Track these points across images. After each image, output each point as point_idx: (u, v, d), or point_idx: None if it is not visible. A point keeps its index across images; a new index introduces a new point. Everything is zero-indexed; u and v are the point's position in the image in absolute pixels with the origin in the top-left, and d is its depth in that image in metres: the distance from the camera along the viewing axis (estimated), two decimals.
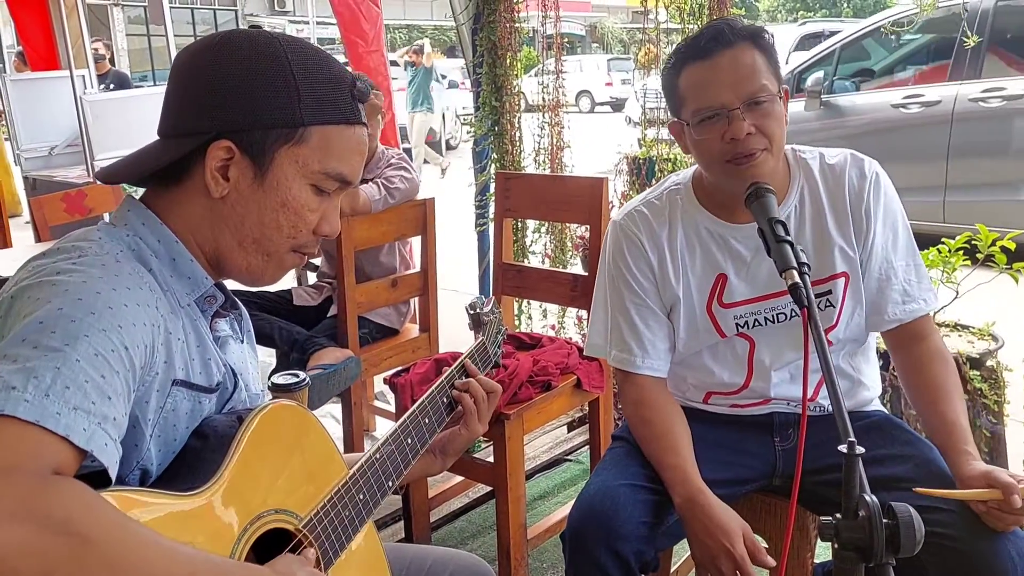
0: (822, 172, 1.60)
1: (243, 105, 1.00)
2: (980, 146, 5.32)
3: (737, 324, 1.61)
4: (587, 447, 3.01)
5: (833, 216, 1.58)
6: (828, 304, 1.59)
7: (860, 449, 0.95)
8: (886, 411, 1.73)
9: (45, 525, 0.71)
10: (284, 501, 1.03)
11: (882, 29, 5.45)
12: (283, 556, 0.97)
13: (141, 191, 1.11)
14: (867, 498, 0.94)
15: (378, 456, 1.21)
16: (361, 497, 1.15)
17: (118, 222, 1.05)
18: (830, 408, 1.61)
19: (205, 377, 1.05)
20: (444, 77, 12.29)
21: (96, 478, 0.81)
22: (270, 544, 1.00)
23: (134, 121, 5.35)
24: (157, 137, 1.08)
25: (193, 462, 0.99)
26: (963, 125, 5.34)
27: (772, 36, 1.52)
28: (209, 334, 1.09)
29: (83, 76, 5.86)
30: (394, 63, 9.02)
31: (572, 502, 2.54)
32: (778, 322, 1.60)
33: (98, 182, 4.52)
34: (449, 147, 12.65)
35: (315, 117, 1.03)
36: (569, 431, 3.30)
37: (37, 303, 0.86)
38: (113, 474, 0.83)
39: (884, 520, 0.93)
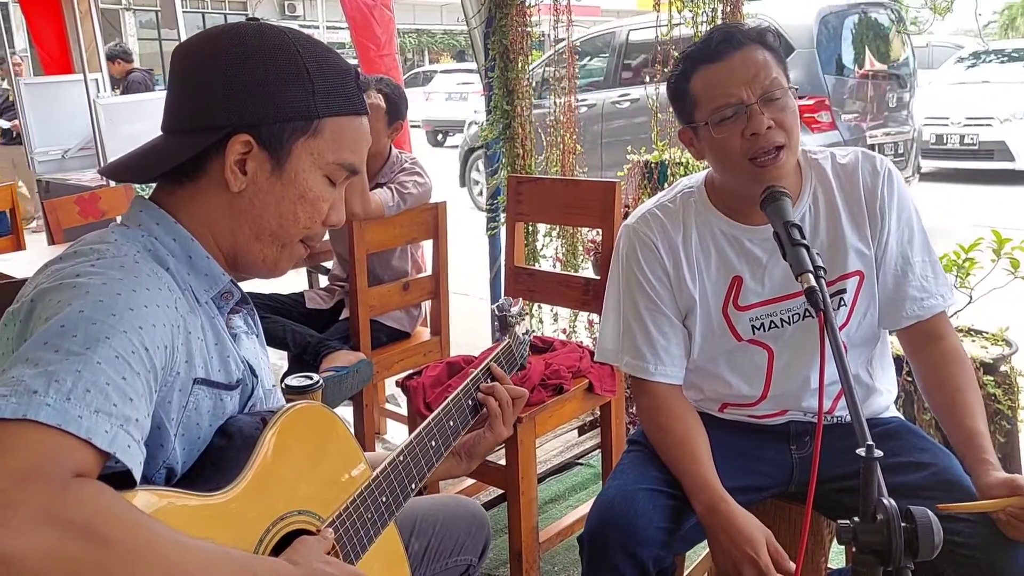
0: (834, 171, 1.60)
1: (260, 99, 1.01)
2: (616, 134, 6.84)
3: (753, 326, 1.61)
4: (598, 451, 3.01)
5: (848, 215, 1.58)
6: (841, 303, 1.58)
7: (878, 452, 0.95)
8: (902, 417, 1.72)
9: (67, 530, 0.71)
10: (307, 502, 1.04)
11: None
12: (301, 540, 0.98)
13: (148, 190, 1.12)
14: (885, 502, 0.94)
15: (401, 458, 1.21)
16: (384, 499, 1.16)
17: (131, 223, 1.05)
18: (847, 417, 1.61)
19: (224, 374, 1.06)
20: None
21: (122, 477, 0.82)
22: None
23: (147, 124, 5.38)
24: (161, 133, 1.08)
25: (218, 461, 1.00)
26: (608, 120, 7.04)
27: (777, 37, 1.54)
28: (226, 331, 1.09)
29: (96, 80, 5.89)
30: None
31: (583, 506, 2.56)
32: (793, 323, 1.60)
33: (111, 183, 4.53)
34: None
35: (328, 109, 1.05)
36: (580, 435, 3.30)
37: (58, 305, 0.86)
38: (137, 475, 0.83)
39: (902, 524, 0.92)
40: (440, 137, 16.83)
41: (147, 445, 0.87)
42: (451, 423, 1.33)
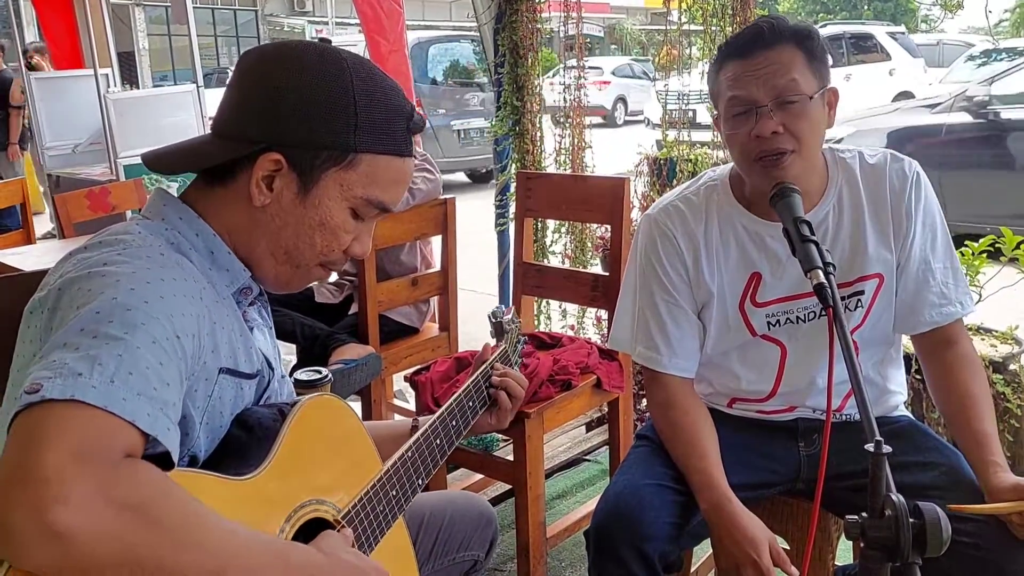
0: (862, 171, 1.58)
1: (300, 122, 1.02)
2: None
3: (768, 323, 1.60)
4: (605, 447, 3.01)
5: (872, 216, 1.56)
6: (858, 304, 1.58)
7: (887, 448, 0.95)
8: (911, 415, 1.71)
9: (122, 509, 0.73)
10: (325, 491, 1.06)
11: None
12: (327, 534, 0.99)
13: (165, 184, 1.13)
14: (893, 497, 0.93)
15: (409, 455, 1.23)
16: (394, 493, 1.18)
17: (153, 216, 1.06)
18: (856, 416, 1.61)
19: (249, 364, 1.08)
20: None
21: (157, 460, 0.83)
22: (311, 534, 1.01)
23: (157, 119, 5.40)
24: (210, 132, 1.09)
25: (238, 451, 1.02)
26: None
27: (817, 37, 1.48)
28: (244, 324, 1.11)
29: (106, 74, 5.91)
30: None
31: (591, 502, 2.56)
32: (808, 320, 1.59)
33: (121, 177, 4.53)
34: None
35: (368, 145, 1.05)
36: (587, 431, 3.30)
37: (90, 294, 0.87)
38: (175, 458, 0.84)
39: (910, 519, 0.92)
40: None
41: None
42: (454, 423, 1.35)
